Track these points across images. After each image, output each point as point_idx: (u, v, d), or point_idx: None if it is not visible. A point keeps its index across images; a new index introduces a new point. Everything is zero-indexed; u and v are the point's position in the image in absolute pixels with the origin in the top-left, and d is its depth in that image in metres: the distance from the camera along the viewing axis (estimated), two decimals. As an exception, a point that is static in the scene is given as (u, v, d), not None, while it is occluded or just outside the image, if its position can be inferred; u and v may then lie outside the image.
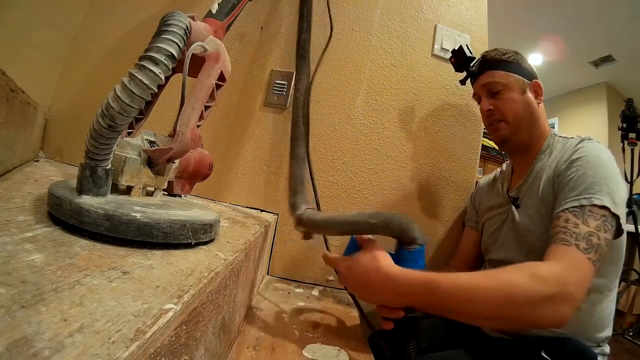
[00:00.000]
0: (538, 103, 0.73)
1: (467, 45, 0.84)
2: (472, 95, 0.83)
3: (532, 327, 0.51)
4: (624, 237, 0.62)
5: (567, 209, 0.56)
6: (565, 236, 0.53)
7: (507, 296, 0.45)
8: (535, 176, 0.70)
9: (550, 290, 0.45)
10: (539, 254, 0.63)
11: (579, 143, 0.65)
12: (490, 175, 0.91)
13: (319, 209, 0.80)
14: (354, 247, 0.58)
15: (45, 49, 0.89)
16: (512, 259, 0.70)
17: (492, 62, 0.75)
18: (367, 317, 0.59)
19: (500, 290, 0.46)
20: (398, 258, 0.52)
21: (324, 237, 0.75)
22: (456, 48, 0.86)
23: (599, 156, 0.60)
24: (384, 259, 0.51)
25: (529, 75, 0.73)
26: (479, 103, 0.80)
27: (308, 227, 0.62)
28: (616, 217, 0.55)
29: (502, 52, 0.75)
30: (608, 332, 0.64)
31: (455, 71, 0.88)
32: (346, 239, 0.61)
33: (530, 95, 0.72)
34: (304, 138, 0.78)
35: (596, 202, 0.54)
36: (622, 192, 0.57)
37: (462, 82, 0.89)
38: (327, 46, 0.95)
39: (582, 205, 0.55)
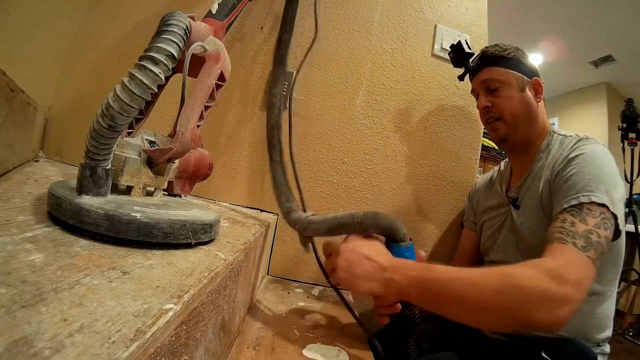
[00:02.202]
0: (537, 101, 0.72)
1: (466, 40, 0.84)
2: (470, 91, 0.82)
3: (526, 326, 0.43)
4: (623, 238, 0.62)
5: (565, 209, 0.54)
6: (561, 235, 0.50)
7: (502, 282, 0.42)
8: (535, 176, 0.69)
9: (547, 286, 0.42)
10: (539, 257, 0.63)
11: (576, 142, 0.63)
12: (488, 175, 0.90)
13: (304, 209, 0.80)
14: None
15: (45, 48, 0.88)
16: (512, 261, 0.69)
17: (491, 58, 0.74)
18: (363, 317, 0.59)
19: (495, 277, 0.44)
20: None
21: (312, 242, 0.75)
22: (455, 43, 0.85)
23: (597, 155, 0.59)
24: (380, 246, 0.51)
25: (530, 72, 0.72)
26: (476, 99, 0.79)
27: (309, 232, 0.60)
28: (615, 216, 0.53)
29: (502, 48, 0.73)
30: (608, 332, 0.64)
31: (454, 66, 0.87)
32: None
33: (529, 93, 0.71)
34: (279, 144, 0.78)
35: (595, 199, 0.52)
36: (620, 191, 0.56)
37: (461, 77, 0.88)
38: (310, 48, 0.94)
39: (580, 204, 0.53)
